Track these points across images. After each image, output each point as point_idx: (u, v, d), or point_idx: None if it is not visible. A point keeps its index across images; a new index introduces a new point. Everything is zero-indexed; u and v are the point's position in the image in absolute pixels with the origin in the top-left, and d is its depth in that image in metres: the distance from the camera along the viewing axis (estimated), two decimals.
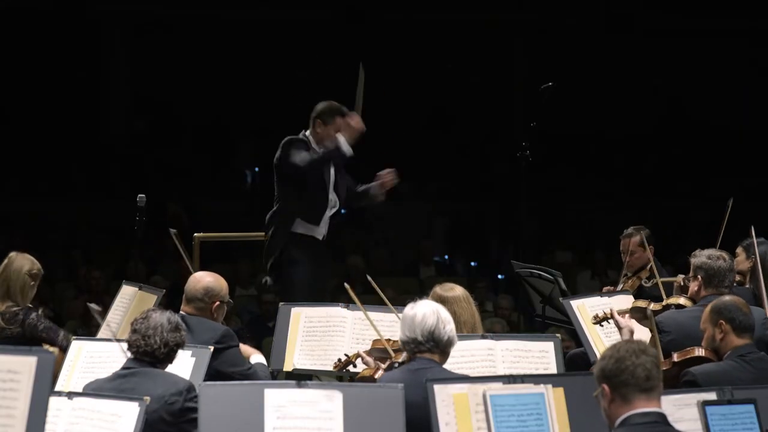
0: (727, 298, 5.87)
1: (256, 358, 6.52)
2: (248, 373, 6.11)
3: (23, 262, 7.03)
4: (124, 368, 5.32)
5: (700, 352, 5.80)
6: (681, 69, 17.58)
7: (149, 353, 5.26)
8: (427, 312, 5.25)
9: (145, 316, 5.35)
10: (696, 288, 6.50)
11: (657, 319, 6.31)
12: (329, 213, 8.20)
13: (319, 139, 8.14)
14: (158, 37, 17.03)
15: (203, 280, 6.28)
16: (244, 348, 6.57)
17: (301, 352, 7.03)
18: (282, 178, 8.20)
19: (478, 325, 6.18)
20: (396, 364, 5.55)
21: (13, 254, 7.13)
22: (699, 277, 6.48)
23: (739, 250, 7.64)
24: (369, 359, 6.16)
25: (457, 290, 6.24)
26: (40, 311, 7.04)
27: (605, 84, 17.20)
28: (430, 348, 5.22)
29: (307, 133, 8.21)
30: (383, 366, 5.72)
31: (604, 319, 6.76)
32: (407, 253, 14.74)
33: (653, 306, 6.64)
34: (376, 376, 5.66)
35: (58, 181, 16.31)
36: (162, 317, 5.32)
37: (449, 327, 5.26)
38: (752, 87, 17.22)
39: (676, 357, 5.86)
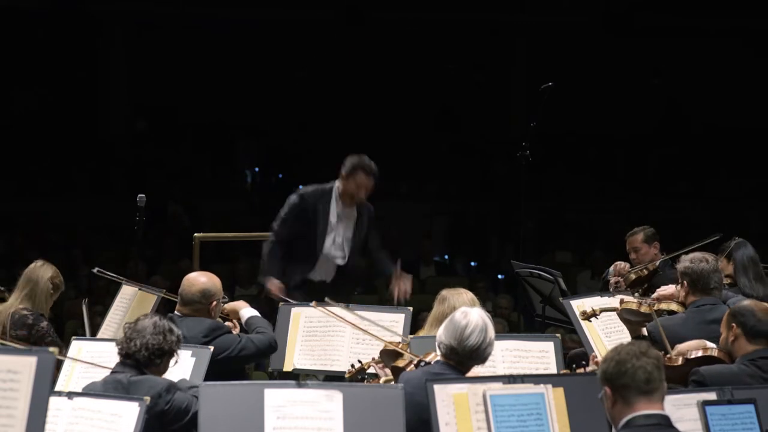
0: (746, 302, 5.78)
1: (248, 312, 6.54)
2: (241, 346, 6.12)
3: (48, 269, 7.14)
4: (113, 371, 5.34)
5: (713, 352, 5.77)
6: (681, 69, 17.59)
7: (130, 355, 5.29)
8: (476, 329, 5.22)
9: (137, 319, 5.40)
10: (684, 294, 6.46)
11: (648, 327, 6.29)
12: (329, 269, 8.19)
13: (344, 195, 8.12)
14: (158, 37, 17.03)
15: (198, 281, 6.27)
16: (232, 304, 6.63)
17: (301, 352, 7.03)
18: None
19: None
20: (423, 363, 5.54)
21: (39, 261, 7.20)
22: (685, 282, 6.44)
23: (718, 255, 7.65)
24: (385, 369, 6.13)
25: (464, 296, 6.23)
26: (46, 324, 6.99)
27: (605, 84, 17.20)
28: (461, 360, 5.24)
29: (337, 183, 8.20)
30: (414, 361, 5.68)
31: (593, 315, 6.81)
32: (407, 253, 14.72)
33: (644, 308, 6.64)
34: (409, 368, 5.63)
35: (58, 181, 16.31)
36: (149, 321, 5.35)
37: (490, 349, 5.28)
38: (752, 87, 17.22)
39: (693, 353, 5.84)
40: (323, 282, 8.20)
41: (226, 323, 6.43)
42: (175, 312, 6.26)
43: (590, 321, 6.94)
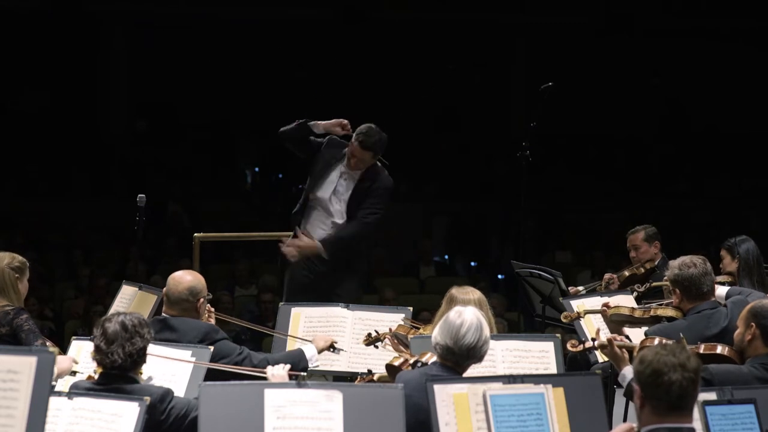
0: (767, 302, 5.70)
1: (307, 347, 6.47)
2: (239, 359, 6.08)
3: (3, 255, 6.85)
4: (97, 383, 5.23)
5: (723, 350, 5.75)
6: (681, 69, 17.59)
7: (115, 367, 5.18)
8: (471, 328, 5.20)
9: (102, 330, 5.23)
10: (678, 301, 6.39)
11: (647, 332, 6.26)
12: (325, 221, 8.16)
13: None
14: (158, 37, 17.03)
15: (184, 280, 6.23)
16: (318, 337, 6.61)
17: None
18: None
19: (492, 329, 6.11)
20: (419, 364, 5.54)
21: None
22: (677, 290, 6.36)
23: (723, 252, 7.64)
24: (399, 347, 6.16)
25: (471, 295, 6.26)
26: (26, 316, 6.88)
27: (605, 84, 17.20)
28: (457, 360, 5.23)
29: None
30: (410, 361, 5.69)
31: (577, 317, 6.82)
32: (407, 253, 14.76)
33: (638, 313, 6.61)
34: (404, 368, 5.63)
35: (58, 181, 16.32)
36: (116, 326, 5.20)
37: (486, 347, 5.26)
38: (752, 88, 17.23)
39: (702, 349, 5.81)
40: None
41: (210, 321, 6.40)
42: (163, 314, 6.23)
43: (574, 323, 6.97)
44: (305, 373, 5.81)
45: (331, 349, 6.54)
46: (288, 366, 5.53)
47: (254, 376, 5.65)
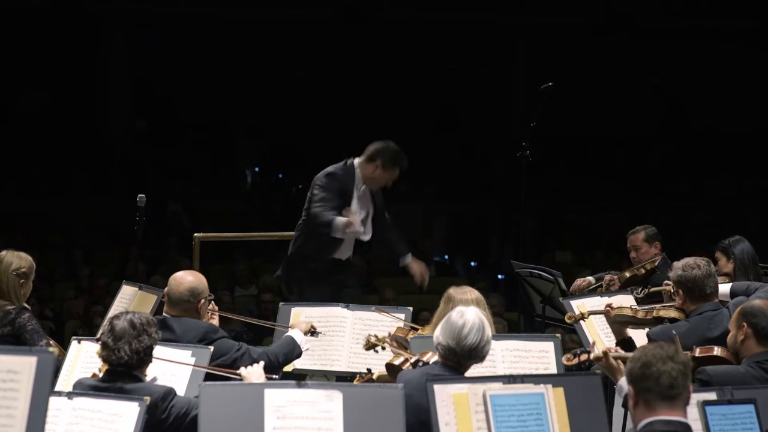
0: (757, 302, 5.70)
1: (294, 331, 6.51)
2: (238, 355, 6.07)
3: (11, 260, 6.78)
4: (102, 380, 5.25)
5: (720, 351, 5.74)
6: (681, 69, 17.60)
7: (122, 364, 5.20)
8: (473, 328, 5.21)
9: (110, 327, 5.26)
10: (681, 302, 6.37)
11: (650, 333, 6.26)
12: (351, 240, 8.16)
13: (369, 179, 8.05)
14: (159, 37, 17.04)
15: (185, 281, 6.22)
16: (302, 322, 6.64)
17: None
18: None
19: (491, 329, 6.11)
20: (420, 363, 5.54)
21: (2, 252, 6.95)
22: (680, 291, 6.34)
23: (718, 254, 7.62)
24: (398, 348, 6.16)
25: (469, 295, 6.26)
26: (28, 315, 6.84)
27: (605, 84, 17.21)
28: (459, 360, 5.24)
29: (356, 162, 8.10)
30: (411, 360, 5.68)
31: (581, 318, 6.82)
32: None
33: (641, 314, 6.60)
34: (404, 367, 5.63)
35: (58, 181, 16.32)
36: (125, 323, 5.23)
37: (488, 347, 5.28)
38: (752, 88, 17.23)
39: (697, 352, 5.80)
40: (341, 261, 8.20)
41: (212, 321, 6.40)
42: (164, 314, 6.23)
43: (575, 325, 6.97)
44: (277, 376, 5.82)
45: (311, 334, 6.54)
46: (262, 363, 5.55)
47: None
